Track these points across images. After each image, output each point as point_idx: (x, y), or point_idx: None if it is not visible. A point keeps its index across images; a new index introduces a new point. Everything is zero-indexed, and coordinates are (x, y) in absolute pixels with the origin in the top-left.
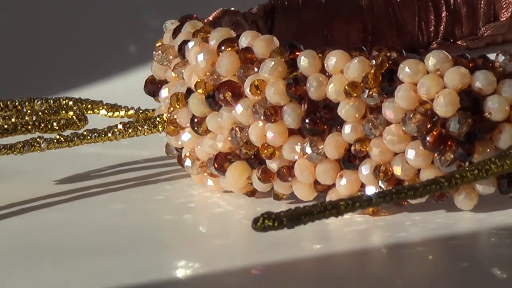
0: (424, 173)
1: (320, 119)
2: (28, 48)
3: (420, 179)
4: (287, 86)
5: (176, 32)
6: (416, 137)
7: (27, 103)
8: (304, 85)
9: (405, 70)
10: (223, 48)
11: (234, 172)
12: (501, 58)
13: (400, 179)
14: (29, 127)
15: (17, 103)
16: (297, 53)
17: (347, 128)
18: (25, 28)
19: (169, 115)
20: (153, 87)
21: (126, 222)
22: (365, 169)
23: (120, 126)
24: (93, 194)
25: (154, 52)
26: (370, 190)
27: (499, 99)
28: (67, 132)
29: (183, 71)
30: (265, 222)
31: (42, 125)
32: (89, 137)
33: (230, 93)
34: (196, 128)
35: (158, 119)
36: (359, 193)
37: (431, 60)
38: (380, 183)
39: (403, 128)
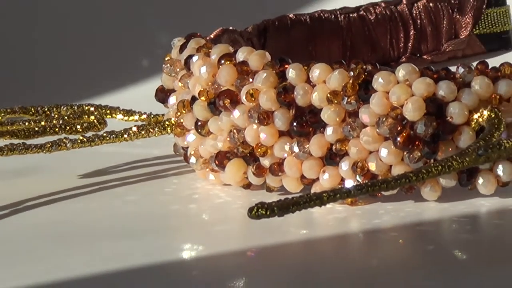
0: (395, 168)
1: (306, 122)
2: (57, 62)
3: (391, 174)
4: (278, 94)
5: (182, 48)
6: (388, 138)
7: (54, 108)
8: (292, 93)
9: (379, 81)
10: (222, 61)
11: (232, 168)
12: (461, 70)
13: (374, 174)
14: (56, 129)
15: (46, 109)
16: (286, 66)
17: (329, 130)
18: (54, 47)
19: (176, 119)
20: (162, 95)
21: (139, 211)
22: (344, 165)
23: (134, 129)
24: (111, 187)
25: (163, 65)
26: (349, 184)
27: (460, 105)
28: (89, 134)
29: (188, 81)
30: (259, 211)
31: (68, 127)
32: (108, 138)
33: (228, 100)
34: (199, 130)
35: (167, 122)
36: (340, 186)
37: (401, 72)
38: (357, 178)
39: (377, 130)
